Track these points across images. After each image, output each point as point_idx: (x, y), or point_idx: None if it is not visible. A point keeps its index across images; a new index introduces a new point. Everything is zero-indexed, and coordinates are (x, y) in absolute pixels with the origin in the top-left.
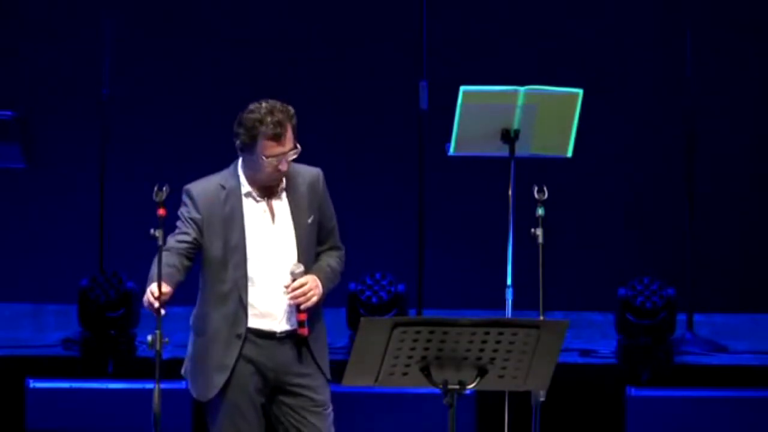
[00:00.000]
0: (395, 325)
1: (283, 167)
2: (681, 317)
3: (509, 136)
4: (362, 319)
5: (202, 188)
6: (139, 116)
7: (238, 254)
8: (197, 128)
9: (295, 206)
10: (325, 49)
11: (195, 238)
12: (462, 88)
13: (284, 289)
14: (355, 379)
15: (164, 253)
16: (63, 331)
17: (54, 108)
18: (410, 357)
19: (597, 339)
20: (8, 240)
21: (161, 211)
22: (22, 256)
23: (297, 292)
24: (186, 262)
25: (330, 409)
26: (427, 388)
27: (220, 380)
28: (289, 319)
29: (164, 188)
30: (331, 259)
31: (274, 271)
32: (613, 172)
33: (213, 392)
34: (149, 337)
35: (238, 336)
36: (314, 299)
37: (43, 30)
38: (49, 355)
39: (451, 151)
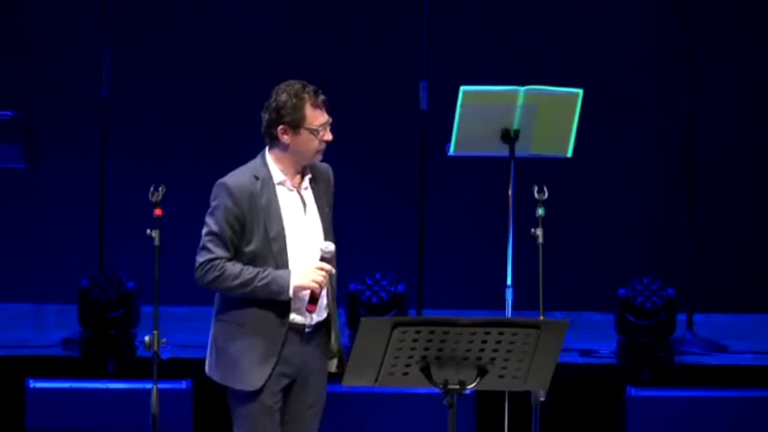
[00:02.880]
0: (395, 325)
1: (329, 137)
2: (681, 317)
3: (509, 136)
4: (362, 319)
5: (238, 180)
6: (139, 116)
7: (279, 244)
8: (197, 128)
9: (318, 196)
10: (325, 49)
11: (232, 240)
12: (462, 88)
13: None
14: (355, 379)
15: (232, 264)
16: (63, 331)
17: (54, 108)
18: (410, 357)
19: (597, 339)
20: (8, 240)
21: (158, 211)
22: (22, 256)
23: (327, 266)
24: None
25: (321, 406)
26: (427, 388)
27: (267, 369)
28: (318, 309)
29: (160, 188)
30: None
31: (310, 259)
32: (613, 172)
33: (261, 381)
34: (146, 338)
35: (283, 324)
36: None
37: (43, 30)
38: (49, 355)
39: (451, 151)
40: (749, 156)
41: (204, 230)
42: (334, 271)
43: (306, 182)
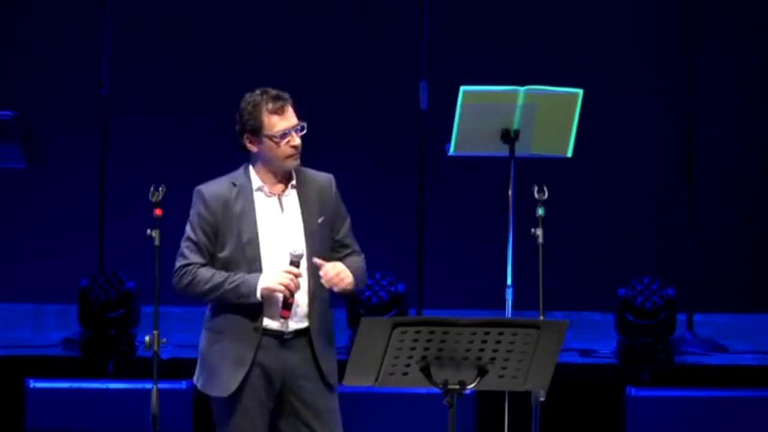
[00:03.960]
0: (395, 325)
1: (296, 142)
2: (681, 317)
3: (509, 136)
4: (362, 319)
5: (213, 188)
6: (139, 116)
7: (252, 249)
8: (197, 128)
9: (305, 203)
10: (325, 49)
11: (207, 247)
12: (462, 88)
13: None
14: (355, 379)
15: (205, 269)
16: (63, 331)
17: (54, 108)
18: (410, 357)
19: (597, 339)
20: (8, 240)
21: (158, 212)
22: (22, 256)
23: (330, 274)
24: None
25: (332, 415)
26: (427, 388)
27: (239, 374)
28: (295, 315)
29: (160, 188)
30: (355, 258)
31: (283, 264)
32: (613, 172)
33: (234, 386)
34: (146, 338)
35: (256, 329)
36: (348, 280)
37: (43, 30)
38: (49, 355)
39: (451, 151)
40: (749, 156)
41: (183, 237)
42: (302, 274)
43: (288, 188)
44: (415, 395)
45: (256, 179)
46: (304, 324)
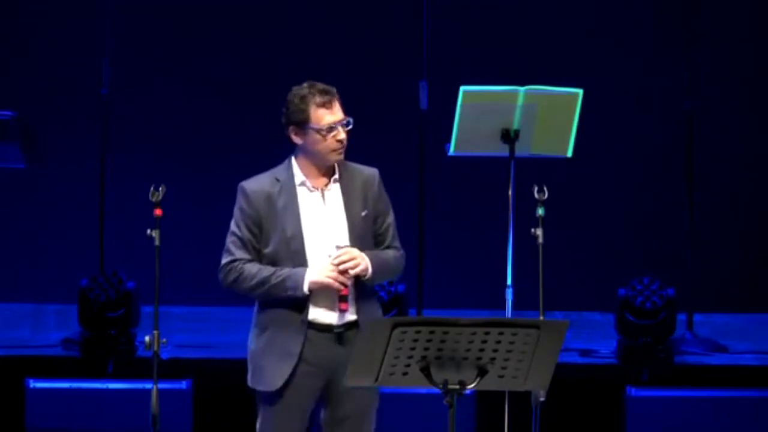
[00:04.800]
0: (395, 325)
1: (342, 136)
2: (681, 317)
3: (509, 136)
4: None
5: (256, 184)
6: (139, 116)
7: (296, 244)
8: (197, 128)
9: (348, 197)
10: (325, 49)
11: (252, 242)
12: (462, 88)
13: (329, 258)
14: (355, 379)
15: (252, 264)
16: (63, 331)
17: (54, 108)
18: (410, 357)
19: (597, 339)
20: (8, 240)
21: (158, 212)
22: (22, 256)
23: (344, 257)
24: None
25: (372, 409)
26: (427, 388)
27: (287, 368)
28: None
29: (160, 188)
30: (388, 252)
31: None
32: (613, 172)
33: (280, 381)
34: (146, 338)
35: (303, 322)
36: (362, 265)
37: (43, 30)
38: (49, 355)
39: (451, 151)
40: (749, 156)
41: (228, 233)
42: (353, 267)
43: (333, 183)
44: (415, 395)
45: (298, 173)
46: (353, 317)
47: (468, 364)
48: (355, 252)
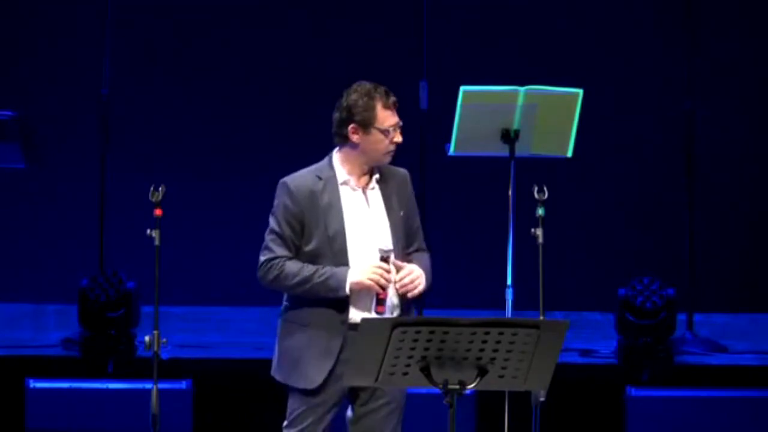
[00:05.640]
0: (395, 325)
1: (399, 138)
2: (681, 317)
3: (509, 136)
4: (362, 319)
5: (299, 180)
6: (139, 116)
7: (339, 242)
8: (197, 128)
9: (387, 198)
10: (325, 49)
11: (293, 239)
12: (462, 88)
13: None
14: (355, 379)
15: (292, 262)
16: (63, 331)
17: (54, 108)
18: (410, 357)
19: (597, 339)
20: (8, 240)
21: (158, 212)
22: (22, 256)
23: (406, 280)
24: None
25: (400, 411)
26: (427, 388)
27: (326, 366)
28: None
29: (160, 188)
30: (426, 257)
31: (372, 259)
32: (613, 172)
33: (320, 379)
34: (146, 338)
35: (343, 322)
36: (420, 287)
37: (43, 30)
38: (49, 355)
39: (451, 151)
40: (749, 156)
41: (267, 230)
42: (394, 271)
43: (373, 182)
44: (415, 395)
45: (341, 172)
46: None
47: (468, 364)
48: (417, 272)
